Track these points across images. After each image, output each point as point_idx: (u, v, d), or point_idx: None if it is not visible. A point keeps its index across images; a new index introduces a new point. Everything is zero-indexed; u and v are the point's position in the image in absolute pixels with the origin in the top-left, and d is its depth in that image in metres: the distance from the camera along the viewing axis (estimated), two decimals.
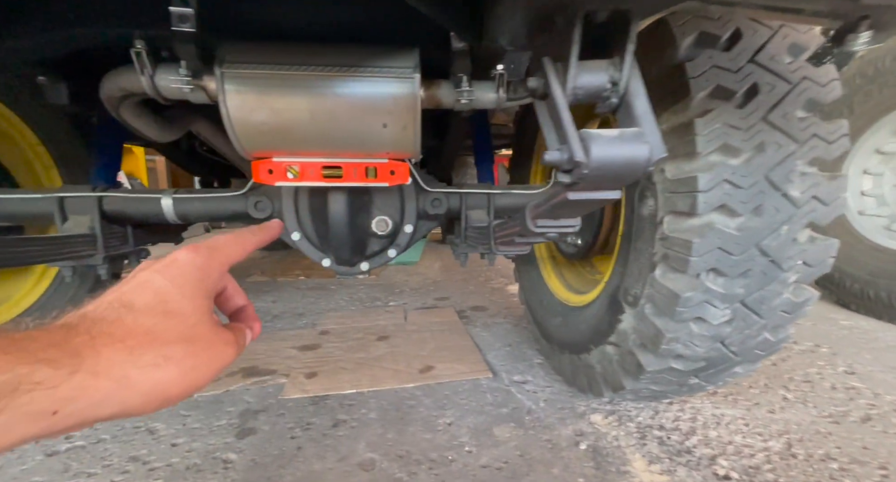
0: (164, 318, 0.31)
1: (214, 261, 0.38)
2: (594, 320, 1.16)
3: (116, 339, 0.28)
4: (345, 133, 0.95)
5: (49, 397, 0.24)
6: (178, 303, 0.33)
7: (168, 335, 0.31)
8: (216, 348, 0.34)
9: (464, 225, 1.34)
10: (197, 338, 0.33)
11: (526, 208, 0.69)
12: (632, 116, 0.51)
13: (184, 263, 0.35)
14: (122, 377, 0.28)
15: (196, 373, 0.32)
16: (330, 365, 1.56)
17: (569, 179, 0.51)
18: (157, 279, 0.33)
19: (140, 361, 0.29)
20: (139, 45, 0.82)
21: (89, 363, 0.26)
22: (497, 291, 2.71)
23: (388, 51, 0.92)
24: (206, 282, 0.36)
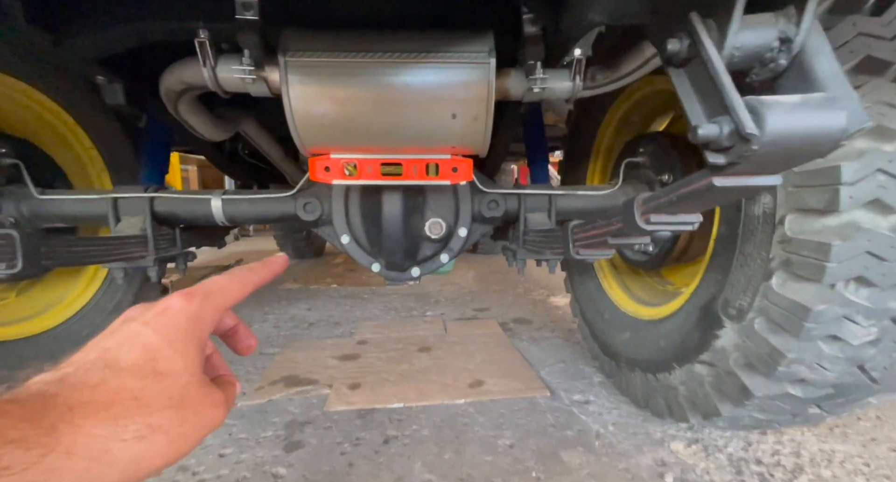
0: (153, 380, 0.29)
1: (208, 309, 0.35)
2: (677, 335, 1.03)
3: (99, 408, 0.26)
4: (410, 124, 0.87)
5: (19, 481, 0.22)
6: (169, 362, 0.30)
7: (156, 400, 0.28)
8: (206, 412, 0.31)
9: (522, 228, 1.24)
10: (187, 402, 0.30)
11: (633, 203, 0.59)
12: (810, 80, 0.40)
13: (176, 313, 0.32)
14: (101, 453, 0.25)
15: (183, 441, 0.29)
16: (372, 376, 1.47)
17: (724, 160, 0.41)
18: (147, 333, 0.30)
19: (124, 433, 0.26)
20: (203, 35, 0.78)
21: (65, 441, 0.24)
22: (539, 303, 2.57)
23: (459, 35, 0.84)
24: (198, 333, 0.33)
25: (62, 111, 1.26)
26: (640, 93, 1.35)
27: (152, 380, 0.29)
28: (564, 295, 2.73)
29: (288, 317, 2.24)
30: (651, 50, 0.84)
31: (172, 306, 0.33)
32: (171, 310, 0.32)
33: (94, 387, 0.27)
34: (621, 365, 1.32)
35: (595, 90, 0.98)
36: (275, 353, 1.70)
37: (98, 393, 0.27)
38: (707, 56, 0.41)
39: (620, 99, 1.44)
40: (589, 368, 1.59)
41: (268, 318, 2.22)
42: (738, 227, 0.83)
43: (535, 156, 1.58)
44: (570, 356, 1.72)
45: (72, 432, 0.24)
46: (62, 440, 0.24)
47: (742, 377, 0.81)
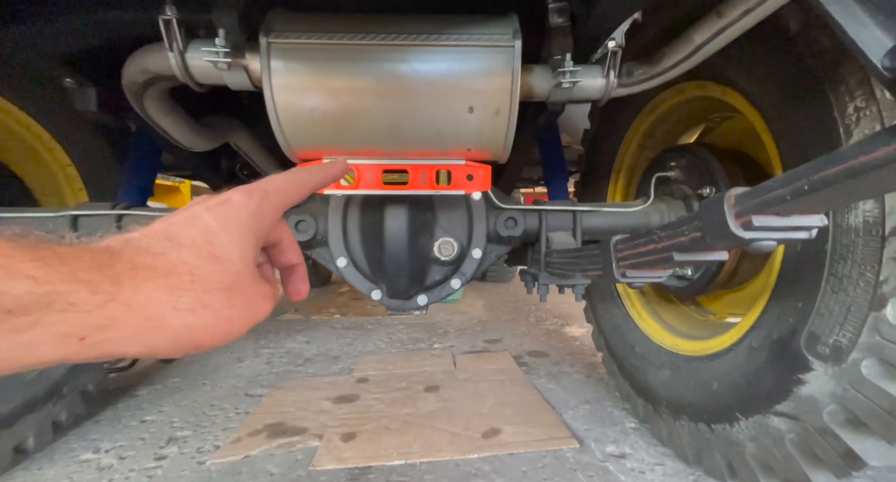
0: (208, 261, 0.30)
1: (268, 207, 0.35)
2: (738, 377, 0.85)
3: (158, 274, 0.27)
4: (418, 120, 0.74)
5: (80, 321, 0.23)
6: (225, 248, 0.31)
7: (210, 280, 0.30)
8: (254, 301, 0.33)
9: (543, 250, 1.09)
10: (237, 287, 0.31)
11: (723, 201, 0.44)
12: None
13: (237, 205, 0.33)
14: (156, 316, 0.27)
15: (230, 324, 0.31)
16: (371, 423, 1.28)
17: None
18: (208, 217, 0.32)
19: (178, 303, 0.28)
20: (169, 12, 0.66)
21: (126, 294, 0.25)
22: (554, 334, 2.38)
23: (477, 17, 0.73)
24: (256, 228, 0.34)
25: (35, 124, 1.15)
26: (668, 103, 1.23)
27: (207, 261, 0.30)
28: (580, 324, 2.54)
29: (284, 352, 2.05)
30: (702, 37, 0.72)
31: (233, 199, 0.33)
32: (232, 202, 0.33)
33: (155, 254, 0.28)
34: (661, 409, 1.12)
35: (631, 88, 0.86)
36: (262, 395, 1.50)
37: (159, 260, 0.28)
38: None
39: (644, 112, 1.33)
40: (619, 411, 1.39)
41: (261, 353, 2.03)
42: (824, 241, 0.67)
43: (553, 173, 1.45)
44: (596, 395, 1.52)
45: (133, 287, 0.26)
46: (124, 292, 0.25)
47: (845, 438, 0.63)
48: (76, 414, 1.23)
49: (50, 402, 1.13)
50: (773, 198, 0.39)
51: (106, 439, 1.21)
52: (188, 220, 0.31)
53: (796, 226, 0.41)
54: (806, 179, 0.35)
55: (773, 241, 0.44)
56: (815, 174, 0.34)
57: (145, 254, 0.28)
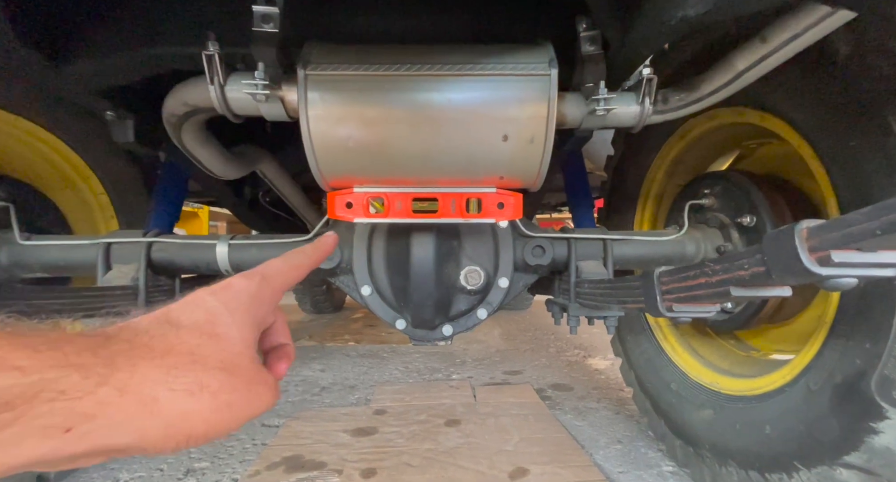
0: (210, 340, 0.29)
1: (268, 290, 0.36)
2: (795, 422, 0.78)
3: (156, 354, 0.26)
4: (451, 149, 0.73)
5: (68, 410, 0.22)
6: (227, 328, 0.31)
7: (210, 360, 0.29)
8: (256, 388, 0.31)
9: (573, 280, 1.05)
10: (238, 370, 0.30)
11: (795, 232, 0.40)
12: None
13: (238, 289, 0.33)
14: (150, 399, 0.25)
15: (229, 412, 0.28)
16: (391, 458, 1.22)
17: None
18: (210, 300, 0.32)
19: (175, 383, 0.26)
20: (212, 48, 0.68)
21: (121, 376, 0.24)
22: (576, 366, 2.29)
23: (512, 47, 0.73)
24: (257, 311, 0.34)
25: (72, 153, 1.19)
26: (700, 129, 1.21)
27: (209, 340, 0.29)
28: (604, 356, 2.44)
29: (299, 380, 2.02)
30: (744, 63, 0.70)
31: (234, 284, 0.34)
32: (235, 286, 0.33)
33: (154, 336, 0.28)
34: (703, 453, 1.04)
35: (667, 115, 0.84)
36: (279, 425, 1.46)
37: (157, 341, 0.27)
38: None
39: (674, 138, 1.30)
40: (654, 452, 1.30)
41: None
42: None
43: (579, 201, 1.42)
44: (627, 434, 1.43)
45: (129, 368, 0.25)
46: (118, 374, 0.24)
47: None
48: None
49: None
50: (857, 232, 0.36)
51: (125, 469, 1.19)
52: (190, 303, 0.31)
53: (882, 262, 0.37)
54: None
55: (853, 279, 0.40)
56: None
57: (143, 335, 0.27)
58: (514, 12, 0.83)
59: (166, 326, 0.29)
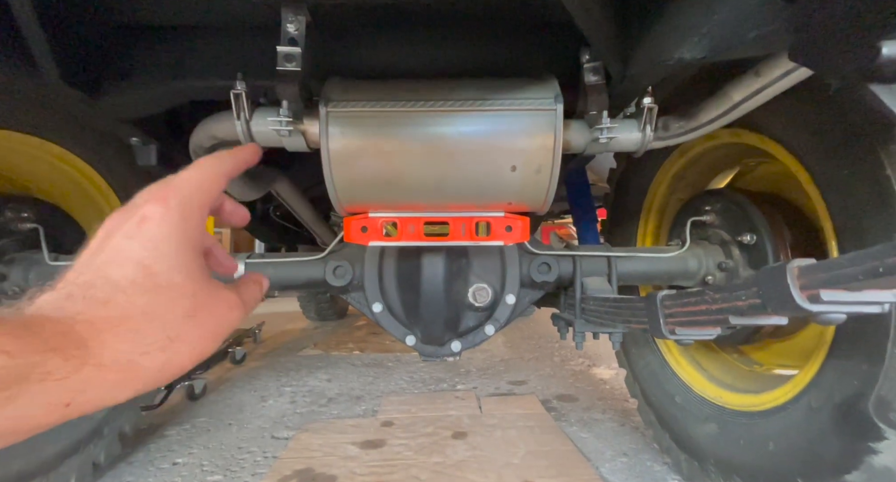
0: (157, 294, 0.29)
1: (189, 210, 0.32)
2: (798, 439, 0.80)
3: (116, 323, 0.27)
4: (462, 178, 0.77)
5: (61, 388, 0.24)
6: (167, 275, 0.29)
7: (167, 312, 0.29)
8: (219, 316, 0.32)
9: (579, 296, 1.08)
10: (198, 308, 0.30)
11: (786, 271, 0.43)
12: None
13: (157, 223, 0.30)
14: (128, 364, 0.27)
15: (203, 344, 0.30)
16: (400, 472, 1.24)
17: None
18: (134, 248, 0.29)
19: (145, 346, 0.27)
20: (239, 87, 0.72)
21: (95, 354, 0.25)
22: (581, 376, 2.30)
23: (519, 81, 0.76)
24: (188, 237, 0.31)
25: (96, 174, 1.23)
26: (699, 148, 1.24)
27: (156, 294, 0.28)
28: (609, 366, 2.45)
29: (306, 390, 2.04)
30: (740, 94, 0.73)
31: (150, 216, 0.30)
32: (151, 220, 0.30)
33: (104, 303, 0.27)
34: (708, 467, 1.06)
35: (667, 141, 0.87)
36: (288, 438, 1.49)
37: (111, 308, 0.27)
38: None
39: (675, 154, 1.33)
40: (659, 466, 1.32)
41: (284, 391, 2.03)
42: None
43: (582, 216, 1.46)
44: (633, 447, 1.45)
45: (99, 346, 0.26)
46: (93, 353, 0.25)
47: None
48: (113, 455, 1.23)
49: (91, 444, 1.14)
50: (843, 275, 0.38)
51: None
52: (114, 257, 0.29)
53: (867, 301, 0.40)
54: (880, 262, 0.34)
55: (842, 315, 0.43)
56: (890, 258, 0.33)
57: (94, 306, 0.27)
58: (522, 44, 0.86)
59: (107, 288, 0.28)
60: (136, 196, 0.32)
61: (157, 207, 0.30)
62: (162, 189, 0.32)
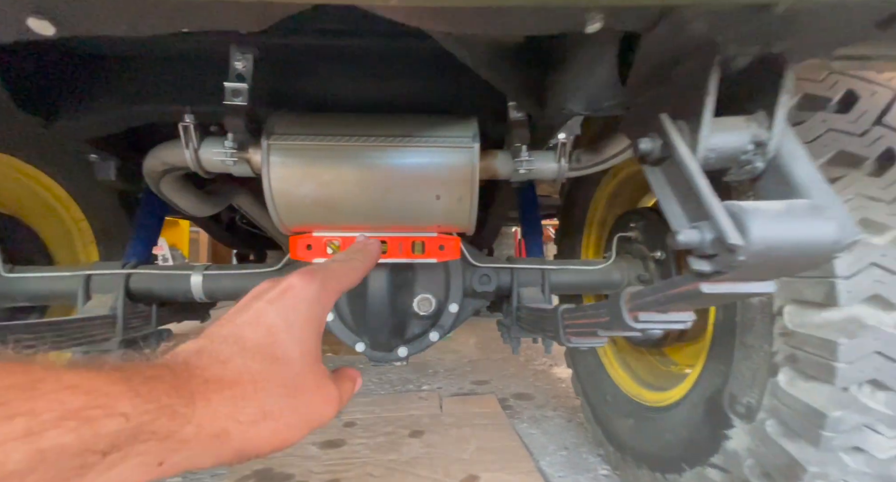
0: (271, 364, 0.31)
1: (329, 291, 0.36)
2: (685, 430, 0.93)
3: (225, 386, 0.28)
4: (394, 205, 0.87)
5: (159, 448, 0.24)
6: (286, 347, 0.32)
7: (271, 385, 0.30)
8: (315, 406, 0.33)
9: (515, 304, 1.19)
10: (299, 391, 0.32)
11: (620, 298, 0.55)
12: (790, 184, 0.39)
13: (298, 294, 0.34)
14: (221, 432, 0.27)
15: (288, 432, 0.31)
16: (355, 469, 1.34)
17: (710, 267, 0.38)
18: (270, 313, 0.33)
19: (241, 415, 0.28)
20: (188, 119, 0.80)
21: (199, 413, 0.26)
22: (541, 375, 2.44)
23: (445, 120, 0.87)
24: (317, 317, 0.35)
25: (56, 186, 1.27)
26: (628, 170, 1.38)
27: (270, 364, 0.31)
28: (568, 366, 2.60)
29: None
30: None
31: (294, 285, 0.34)
32: (294, 289, 0.34)
33: (224, 362, 0.29)
34: (627, 457, 1.19)
35: (580, 171, 0.99)
36: None
37: (228, 368, 0.29)
38: (680, 158, 0.41)
39: (609, 175, 1.47)
40: (594, 458, 1.45)
41: None
42: (734, 314, 0.78)
43: (529, 230, 1.58)
44: (574, 441, 1.58)
45: (204, 406, 0.27)
46: (197, 412, 0.26)
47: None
48: None
49: None
50: (650, 301, 0.50)
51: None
52: (252, 318, 0.32)
53: (672, 320, 0.53)
54: (662, 294, 0.46)
55: (659, 331, 0.55)
56: (666, 291, 0.45)
57: (214, 365, 0.29)
58: (457, 82, 0.97)
59: (234, 347, 0.30)
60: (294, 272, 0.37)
61: (302, 282, 0.35)
62: (312, 270, 0.36)
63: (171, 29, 0.31)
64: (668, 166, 0.44)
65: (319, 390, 0.33)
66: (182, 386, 0.26)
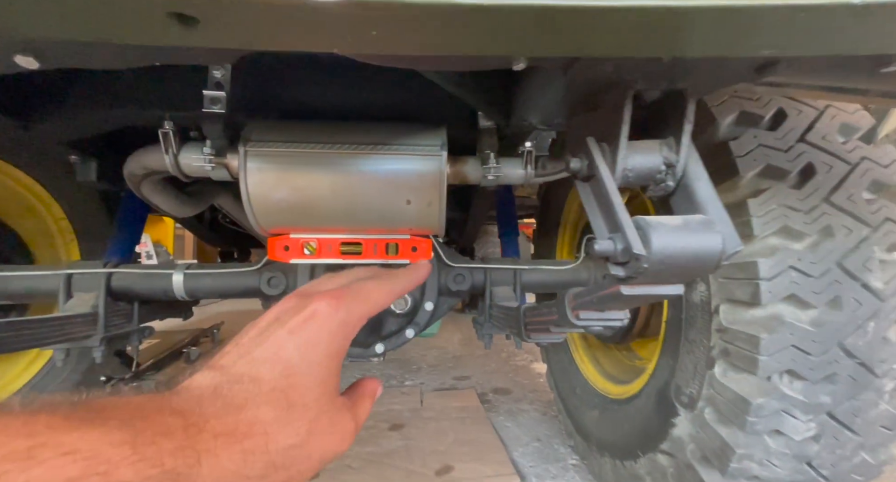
0: (286, 412, 0.29)
1: (354, 317, 0.34)
2: (640, 419, 1.00)
3: (235, 440, 0.27)
4: (366, 209, 0.92)
5: None
6: (303, 392, 0.30)
7: (284, 436, 0.29)
8: (329, 445, 0.31)
9: (488, 302, 1.25)
10: (313, 435, 0.30)
11: (565, 297, 0.61)
12: (693, 202, 0.45)
13: (322, 325, 0.32)
14: None
15: (300, 476, 0.30)
16: (334, 461, 1.39)
17: (623, 273, 0.44)
18: (289, 348, 0.31)
19: (250, 471, 0.27)
20: (167, 126, 0.83)
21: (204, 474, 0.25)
22: (521, 370, 2.51)
23: (415, 129, 0.92)
24: (339, 350, 0.32)
25: (36, 184, 1.29)
26: None
27: (285, 413, 0.29)
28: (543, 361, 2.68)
29: None
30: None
31: (319, 313, 0.32)
32: (318, 317, 0.32)
33: (238, 409, 0.28)
34: (592, 447, 1.26)
35: (546, 177, 1.05)
36: None
37: (241, 420, 0.28)
38: (600, 177, 0.46)
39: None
40: (565, 448, 1.52)
41: None
42: (681, 311, 0.85)
43: (505, 231, 1.64)
44: (547, 433, 1.65)
45: (211, 465, 0.26)
46: (202, 472, 0.25)
47: (700, 471, 0.79)
48: None
49: None
50: (586, 301, 0.56)
51: None
52: (271, 355, 0.31)
53: (609, 318, 0.59)
54: (594, 295, 0.52)
55: (599, 327, 0.61)
56: (595, 294, 0.51)
57: (230, 412, 0.28)
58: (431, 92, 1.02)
59: (250, 389, 0.29)
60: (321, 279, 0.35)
61: (328, 307, 0.32)
62: (342, 292, 0.34)
63: (144, 63, 0.35)
64: (594, 183, 0.50)
65: (335, 428, 0.32)
66: (190, 445, 0.25)
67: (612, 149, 0.47)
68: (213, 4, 0.25)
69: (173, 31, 0.29)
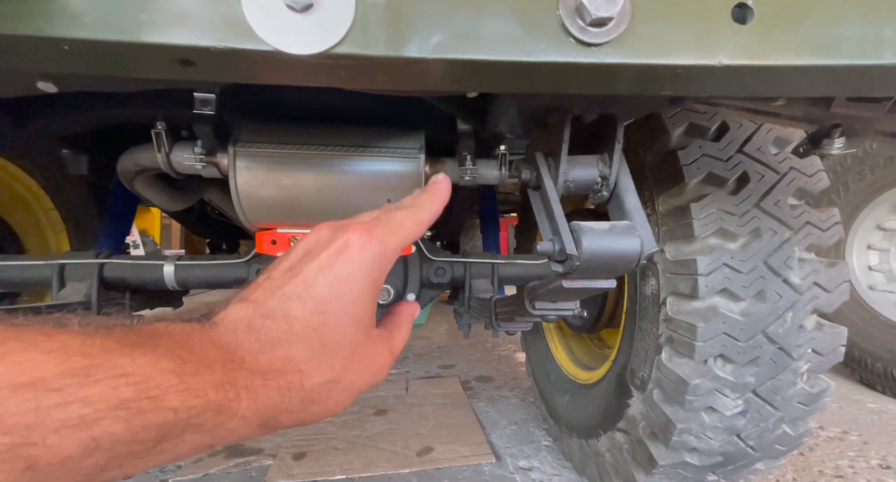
0: (320, 352, 0.29)
1: (390, 249, 0.32)
2: (603, 401, 1.10)
3: (270, 377, 0.28)
4: (349, 207, 0.98)
5: (207, 437, 0.25)
6: (335, 330, 0.30)
7: (318, 373, 0.29)
8: (365, 376, 0.32)
9: (467, 294, 1.33)
10: (347, 369, 0.30)
11: (525, 290, 0.69)
12: (622, 210, 0.52)
13: (355, 258, 0.31)
14: (270, 419, 0.28)
15: (337, 406, 0.31)
16: (321, 444, 1.47)
17: (561, 269, 0.51)
18: (320, 284, 0.30)
19: (288, 405, 0.28)
20: (160, 126, 0.88)
21: (244, 407, 0.27)
22: (504, 359, 2.61)
23: (395, 132, 0.98)
24: (373, 286, 0.32)
25: (26, 176, 1.32)
26: None
27: (317, 351, 0.29)
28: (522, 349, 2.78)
29: None
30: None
31: (351, 246, 0.31)
32: (349, 252, 0.31)
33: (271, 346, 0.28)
34: (562, 428, 1.36)
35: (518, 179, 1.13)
36: None
37: (274, 357, 0.28)
38: (545, 186, 0.54)
39: None
40: (539, 431, 1.62)
41: None
42: (636, 303, 0.94)
43: (486, 226, 1.71)
44: (524, 417, 1.75)
45: (249, 399, 0.27)
46: (242, 406, 0.27)
47: (649, 445, 0.88)
48: None
49: None
50: (541, 293, 0.64)
51: None
52: (302, 290, 0.30)
53: (561, 308, 0.67)
54: (544, 288, 0.60)
55: (553, 316, 0.69)
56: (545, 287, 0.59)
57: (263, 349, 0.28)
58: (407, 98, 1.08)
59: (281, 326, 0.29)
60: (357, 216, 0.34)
61: (361, 240, 0.31)
62: (374, 223, 0.32)
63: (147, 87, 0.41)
64: (541, 192, 0.57)
65: (370, 362, 0.32)
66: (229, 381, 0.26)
67: (556, 162, 0.54)
68: (207, 54, 0.32)
69: (175, 69, 0.35)
